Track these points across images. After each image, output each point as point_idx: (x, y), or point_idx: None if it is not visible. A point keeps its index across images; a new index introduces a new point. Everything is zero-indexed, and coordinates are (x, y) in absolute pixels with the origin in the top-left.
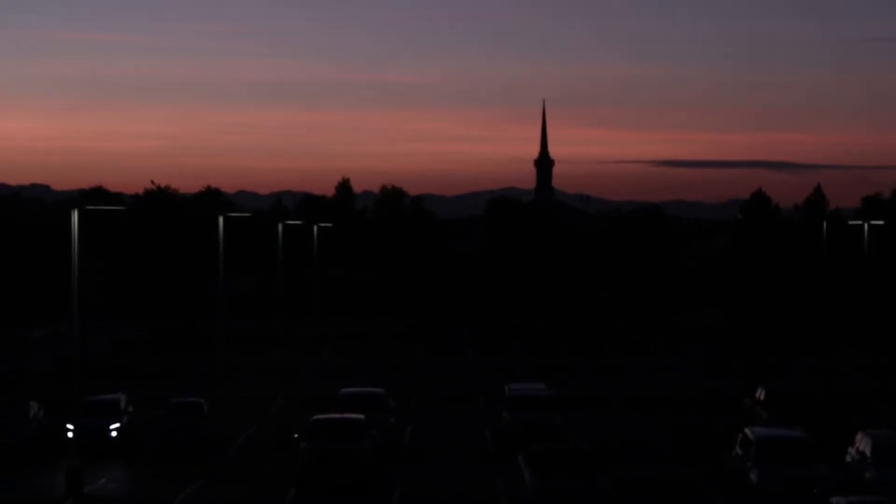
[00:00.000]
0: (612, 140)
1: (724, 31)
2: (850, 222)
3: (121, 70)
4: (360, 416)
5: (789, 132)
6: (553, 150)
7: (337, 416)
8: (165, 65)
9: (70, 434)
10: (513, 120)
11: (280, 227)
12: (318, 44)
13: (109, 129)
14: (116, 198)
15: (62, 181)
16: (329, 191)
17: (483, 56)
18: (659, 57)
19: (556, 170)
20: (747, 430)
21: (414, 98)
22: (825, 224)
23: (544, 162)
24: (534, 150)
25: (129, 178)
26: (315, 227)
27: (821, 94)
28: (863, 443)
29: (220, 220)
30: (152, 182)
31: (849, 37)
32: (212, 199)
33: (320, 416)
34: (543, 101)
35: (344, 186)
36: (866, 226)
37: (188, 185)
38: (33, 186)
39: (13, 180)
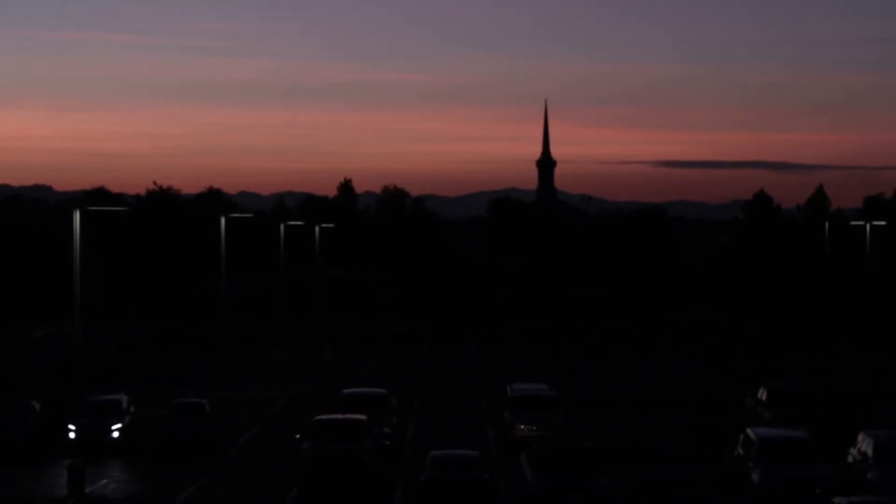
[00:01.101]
0: (614, 140)
1: (727, 32)
2: (852, 223)
3: (121, 70)
4: (363, 417)
5: (791, 133)
6: (555, 151)
7: (339, 416)
8: (167, 65)
9: (72, 434)
10: (514, 120)
11: (282, 227)
12: (320, 44)
13: (111, 130)
14: (118, 198)
15: (64, 182)
16: (331, 191)
17: (485, 56)
18: (661, 57)
19: (557, 170)
20: (749, 431)
21: (416, 98)
22: (827, 224)
23: (546, 162)
24: (536, 151)
25: (131, 179)
26: (317, 228)
27: (823, 94)
28: (865, 443)
29: (223, 220)
30: (154, 183)
31: (853, 37)
32: (214, 199)
33: (323, 417)
34: (545, 101)
35: (346, 187)
36: (868, 226)
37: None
38: (35, 187)
39: (15, 181)
